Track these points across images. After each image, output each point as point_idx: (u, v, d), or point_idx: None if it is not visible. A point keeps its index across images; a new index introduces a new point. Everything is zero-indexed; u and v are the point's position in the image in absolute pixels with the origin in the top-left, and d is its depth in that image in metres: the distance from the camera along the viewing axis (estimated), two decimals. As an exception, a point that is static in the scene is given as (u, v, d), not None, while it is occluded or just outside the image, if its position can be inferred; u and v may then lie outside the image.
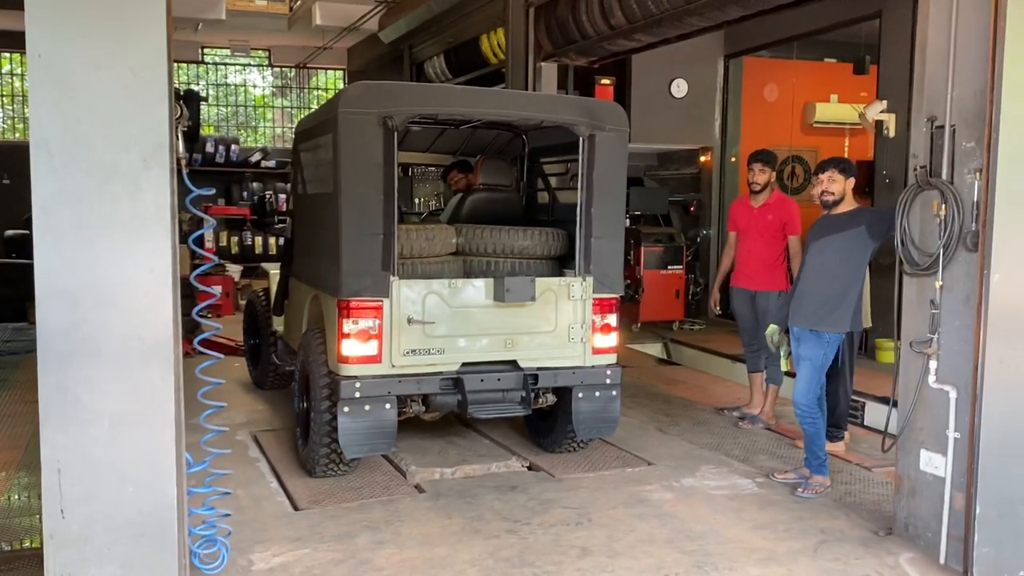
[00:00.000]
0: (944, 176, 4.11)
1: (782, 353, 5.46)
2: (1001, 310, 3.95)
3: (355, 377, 4.80)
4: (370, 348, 4.82)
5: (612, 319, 5.39)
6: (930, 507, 4.29)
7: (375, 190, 4.74)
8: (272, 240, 13.37)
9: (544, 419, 5.77)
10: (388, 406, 4.86)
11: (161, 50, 3.11)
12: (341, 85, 17.53)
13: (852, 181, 5.31)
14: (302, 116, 17.83)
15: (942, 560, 4.21)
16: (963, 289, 4.08)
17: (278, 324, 6.94)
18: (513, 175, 6.44)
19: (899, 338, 4.52)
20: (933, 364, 4.22)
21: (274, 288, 6.90)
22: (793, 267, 6.28)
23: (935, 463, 4.25)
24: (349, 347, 4.81)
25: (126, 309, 3.14)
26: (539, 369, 5.20)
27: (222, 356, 3.97)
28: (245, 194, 13.41)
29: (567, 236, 5.57)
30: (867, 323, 5.81)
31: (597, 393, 5.32)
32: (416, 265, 5.19)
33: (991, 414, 4.00)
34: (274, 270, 7.18)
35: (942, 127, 4.13)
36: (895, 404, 4.57)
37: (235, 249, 13.23)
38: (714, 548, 4.36)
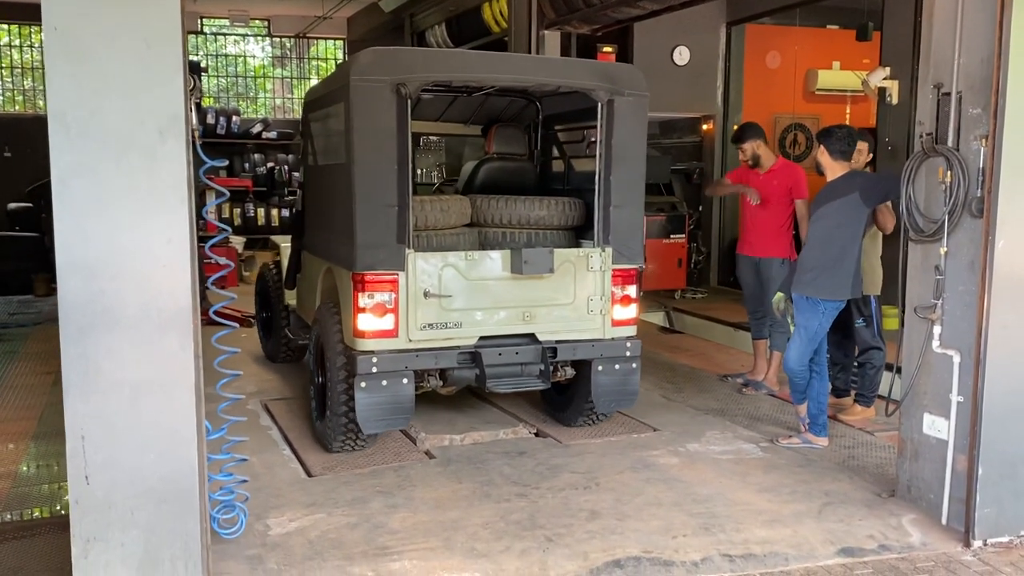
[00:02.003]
0: (950, 143, 4.14)
1: (789, 320, 5.52)
2: (1005, 275, 4.01)
3: (371, 352, 4.76)
4: (386, 322, 4.77)
5: (632, 290, 5.31)
6: (933, 469, 4.37)
7: (389, 160, 4.66)
8: (275, 212, 13.38)
9: (561, 392, 5.71)
10: (405, 381, 4.83)
11: (175, 21, 3.13)
12: (340, 55, 17.44)
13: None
14: (308, 86, 17.80)
15: (944, 521, 4.30)
16: (968, 255, 4.12)
17: (290, 298, 6.88)
18: (527, 143, 6.34)
19: (901, 305, 4.58)
20: (937, 329, 4.28)
21: (285, 261, 6.85)
22: (801, 232, 6.32)
23: (938, 426, 4.32)
24: (365, 321, 4.76)
25: (144, 280, 3.18)
26: (558, 342, 5.13)
27: (237, 325, 4.02)
28: (247, 166, 13.41)
29: (584, 206, 5.49)
30: (876, 290, 5.84)
31: (616, 366, 5.27)
32: (431, 237, 5.12)
33: (994, 377, 4.06)
34: (285, 243, 7.13)
35: (948, 94, 4.15)
36: (899, 371, 4.63)
37: (237, 221, 13.24)
38: (720, 510, 4.45)
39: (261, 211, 13.51)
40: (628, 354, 5.30)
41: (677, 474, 4.95)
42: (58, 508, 4.73)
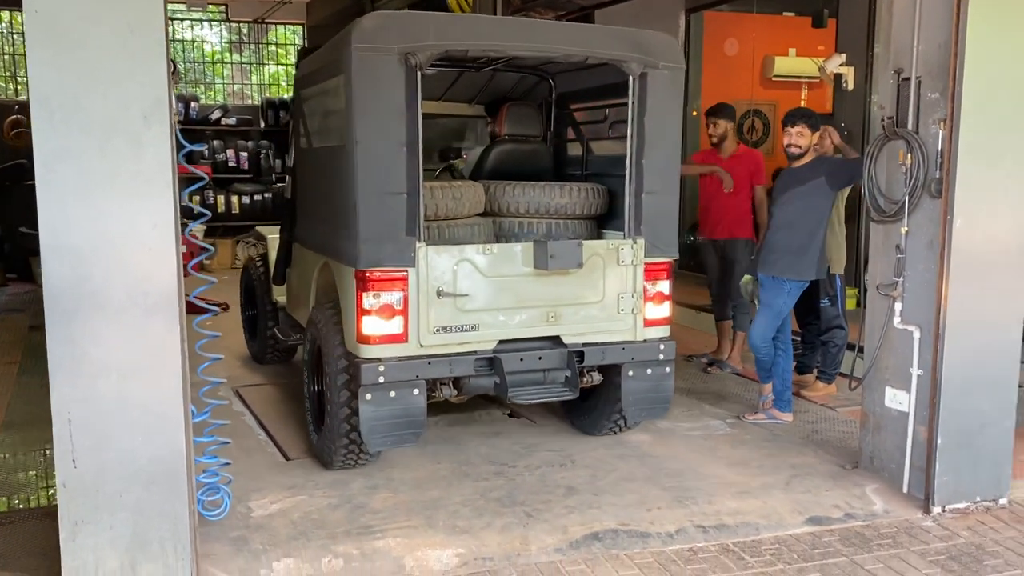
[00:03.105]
0: (910, 126, 4.31)
1: (755, 302, 5.68)
2: (963, 253, 4.19)
3: (378, 360, 4.24)
4: (394, 326, 4.26)
5: (665, 286, 4.80)
6: (894, 440, 4.56)
7: (396, 141, 4.14)
8: (235, 199, 13.25)
9: (584, 399, 5.09)
10: (416, 392, 4.31)
11: (158, 6, 3.14)
12: (299, 41, 17.28)
13: (817, 135, 5.51)
14: (266, 72, 17.58)
15: (905, 489, 4.49)
16: (927, 234, 4.30)
17: (279, 294, 6.38)
18: (542, 124, 5.79)
19: (856, 285, 4.75)
20: (898, 306, 4.45)
21: (273, 255, 6.26)
22: (759, 216, 6.50)
23: (899, 399, 4.50)
24: (370, 325, 4.24)
25: (130, 264, 3.20)
26: (585, 345, 4.63)
27: (219, 310, 4.04)
28: (206, 152, 13.25)
29: (608, 192, 5.02)
30: (839, 269, 6.04)
31: (649, 370, 4.77)
32: (443, 229, 4.60)
33: (952, 351, 4.25)
34: (272, 234, 6.49)
35: (908, 79, 4.31)
36: (859, 350, 4.81)
37: (196, 209, 13.07)
38: (692, 484, 4.59)
39: (221, 198, 13.37)
40: (662, 357, 4.79)
41: (649, 450, 5.08)
42: (36, 496, 4.72)
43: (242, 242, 12.96)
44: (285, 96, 15.00)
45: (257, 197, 13.35)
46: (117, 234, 3.17)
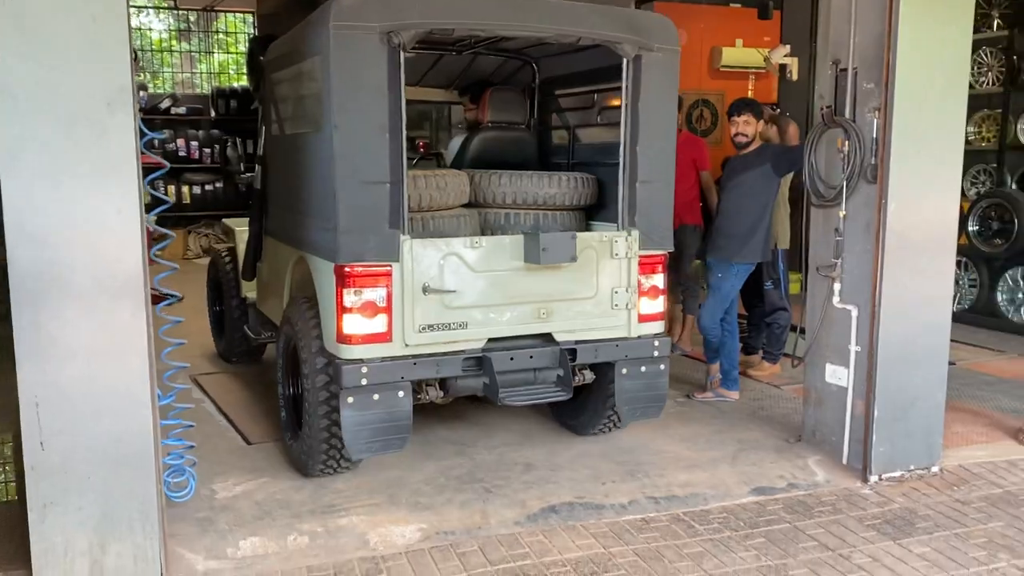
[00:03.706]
0: (847, 115, 4.52)
1: (704, 286, 5.90)
2: (897, 235, 4.42)
3: (360, 360, 4.00)
4: (378, 324, 4.02)
5: (660, 280, 4.62)
6: (834, 415, 4.79)
7: (378, 126, 3.90)
8: (186, 189, 13.13)
9: (574, 398, 4.72)
10: (401, 394, 4.09)
11: (120, -5, 3.19)
12: (248, 29, 17.11)
13: (762, 123, 5.73)
14: (213, 61, 17.34)
15: (844, 460, 4.73)
16: (864, 217, 4.52)
17: (249, 290, 6.10)
18: (526, 110, 5.56)
19: (803, 269, 4.97)
20: (837, 286, 4.68)
21: (242, 248, 5.98)
22: (709, 200, 6.71)
23: (839, 375, 4.74)
24: (352, 324, 4.00)
25: (96, 249, 3.25)
26: (577, 343, 4.44)
27: (180, 296, 4.10)
28: (156, 141, 13.11)
29: (597, 182, 4.84)
30: (784, 244, 6.29)
31: (643, 368, 4.60)
32: (427, 221, 4.37)
33: (888, 328, 4.49)
34: (240, 227, 6.21)
35: (845, 70, 4.53)
36: (802, 331, 5.03)
37: (147, 199, 12.92)
38: (644, 459, 4.78)
39: (172, 188, 13.24)
40: (656, 354, 4.61)
41: (603, 429, 5.26)
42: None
43: (193, 232, 12.89)
44: (236, 85, 14.87)
45: (208, 187, 13.25)
46: (83, 220, 3.22)
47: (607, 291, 4.48)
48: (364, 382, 4.00)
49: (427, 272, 4.11)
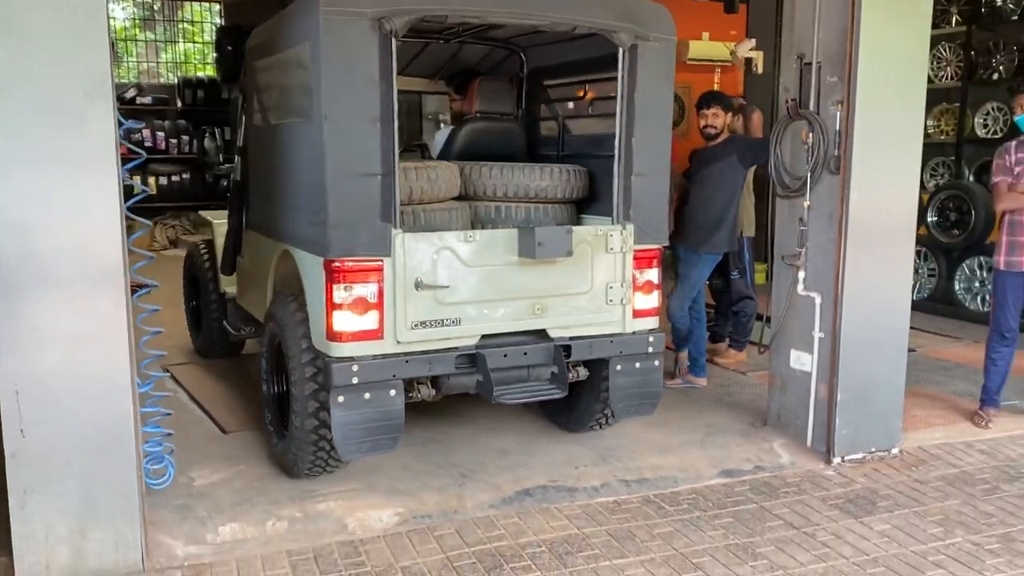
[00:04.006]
0: (811, 108, 4.66)
1: (673, 276, 6.02)
2: (859, 225, 4.57)
3: (351, 359, 3.87)
4: (369, 321, 3.90)
5: (654, 275, 4.54)
6: (799, 399, 4.94)
7: (369, 116, 3.77)
8: (152, 180, 13.02)
9: (566, 395, 4.54)
10: (393, 392, 3.98)
11: (99, -14, 3.21)
12: (216, 20, 16.96)
13: (730, 115, 5.86)
14: (177, 50, 17.16)
15: (809, 443, 4.89)
16: (827, 207, 4.67)
17: (228, 284, 5.94)
18: (515, 101, 5.47)
19: (767, 260, 5.11)
20: (801, 275, 4.82)
21: (220, 242, 5.84)
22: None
23: (803, 360, 4.89)
24: (342, 320, 3.86)
25: (76, 238, 3.28)
26: (572, 339, 4.35)
27: (157, 284, 4.12)
28: (127, 132, 13.00)
29: (588, 175, 4.76)
30: (750, 231, 6.43)
31: (637, 364, 4.51)
32: (417, 214, 4.26)
33: (850, 315, 4.64)
34: (219, 219, 6.07)
35: (810, 64, 4.66)
36: (767, 320, 5.17)
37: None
38: (615, 443, 4.90)
39: (137, 178, 13.12)
40: (651, 350, 4.53)
41: (575, 415, 5.37)
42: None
43: (160, 223, 12.78)
44: (203, 74, 14.76)
45: (175, 178, 13.16)
46: (63, 209, 3.25)
47: (602, 286, 4.39)
48: (355, 380, 3.88)
49: (419, 267, 3.99)
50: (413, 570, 3.61)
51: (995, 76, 8.93)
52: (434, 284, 4.01)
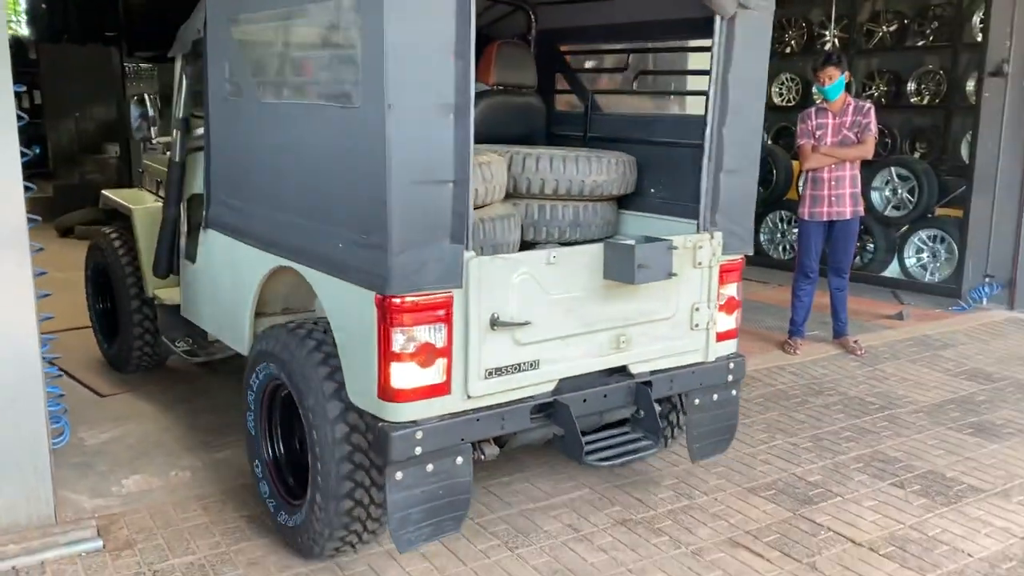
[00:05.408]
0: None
1: None
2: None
3: (413, 423, 2.95)
4: (435, 373, 2.96)
5: (735, 290, 3.78)
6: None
7: (443, 104, 2.78)
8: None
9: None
10: (460, 461, 3.08)
11: (-7, -51, 3.24)
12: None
13: None
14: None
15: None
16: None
17: (157, 287, 4.91)
18: (535, 70, 4.52)
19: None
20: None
21: (144, 233, 4.91)
22: None
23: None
24: (403, 375, 2.90)
25: (-22, 202, 3.33)
26: (652, 373, 3.57)
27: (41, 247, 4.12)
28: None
29: (637, 165, 4.05)
30: None
31: (715, 396, 3.79)
32: (475, 226, 3.33)
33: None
34: (138, 204, 5.14)
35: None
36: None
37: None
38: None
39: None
40: (731, 379, 3.80)
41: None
42: None
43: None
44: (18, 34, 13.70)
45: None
46: (-37, 171, 3.28)
47: (687, 308, 3.61)
48: (418, 451, 2.95)
49: (496, 299, 3.05)
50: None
51: (787, 50, 10.02)
52: (512, 321, 3.10)
